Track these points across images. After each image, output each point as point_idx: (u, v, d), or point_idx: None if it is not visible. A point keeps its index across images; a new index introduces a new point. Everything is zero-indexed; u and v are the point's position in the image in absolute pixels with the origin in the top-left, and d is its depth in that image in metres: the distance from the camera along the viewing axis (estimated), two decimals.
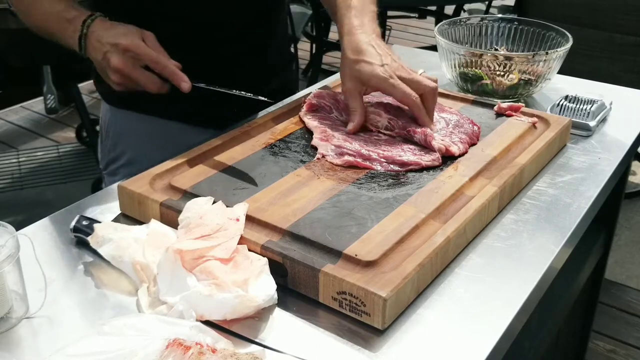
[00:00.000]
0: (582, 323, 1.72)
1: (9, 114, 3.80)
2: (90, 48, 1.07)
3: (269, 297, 0.76)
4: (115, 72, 1.05)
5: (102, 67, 1.07)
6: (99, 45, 1.05)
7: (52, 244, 0.90)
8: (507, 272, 0.85)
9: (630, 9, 2.37)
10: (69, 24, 1.07)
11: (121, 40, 1.04)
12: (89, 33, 1.06)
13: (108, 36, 1.05)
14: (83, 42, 1.07)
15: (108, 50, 1.04)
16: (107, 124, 1.28)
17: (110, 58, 1.04)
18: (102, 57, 1.05)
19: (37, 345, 0.74)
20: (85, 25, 1.06)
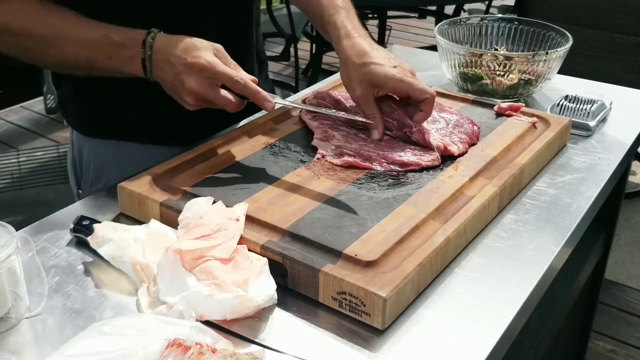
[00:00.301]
0: (582, 323, 1.72)
1: (9, 114, 3.80)
2: (157, 69, 0.98)
3: (269, 297, 0.76)
4: (189, 94, 0.97)
5: (174, 88, 0.98)
6: (168, 66, 0.96)
7: (52, 244, 0.90)
8: (507, 272, 0.85)
9: (630, 9, 2.37)
10: (123, 49, 0.98)
11: (196, 60, 0.95)
12: (154, 53, 0.97)
13: (179, 55, 0.96)
14: (148, 65, 0.97)
15: (181, 71, 0.96)
16: (85, 158, 1.18)
17: (184, 80, 0.96)
18: (173, 78, 0.97)
19: (37, 345, 0.74)
20: (147, 45, 0.97)
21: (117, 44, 0.98)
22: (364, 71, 1.03)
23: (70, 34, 0.99)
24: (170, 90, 1.01)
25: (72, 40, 0.99)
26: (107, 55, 0.99)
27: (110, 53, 0.99)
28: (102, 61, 1.00)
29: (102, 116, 1.17)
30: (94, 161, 1.18)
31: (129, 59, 0.98)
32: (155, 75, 0.99)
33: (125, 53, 0.98)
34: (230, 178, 0.97)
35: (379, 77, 1.03)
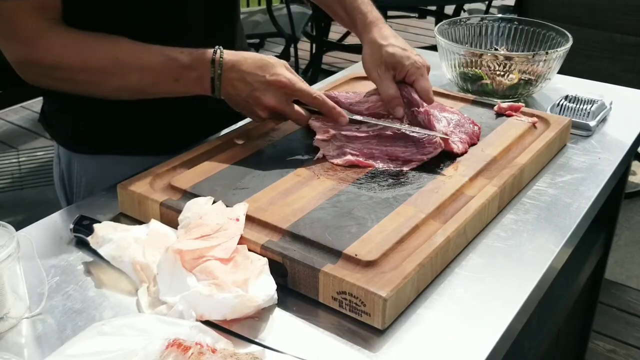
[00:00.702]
0: (582, 323, 1.72)
1: (9, 114, 3.80)
2: (228, 87, 1.00)
3: (269, 297, 0.76)
4: (265, 109, 1.01)
5: (247, 104, 1.02)
6: (243, 84, 0.99)
7: (52, 244, 0.90)
8: (507, 272, 0.85)
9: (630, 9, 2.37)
10: (190, 70, 0.99)
11: (275, 78, 0.99)
12: (225, 71, 0.99)
13: (256, 73, 0.99)
14: (217, 84, 1.00)
15: (257, 89, 0.99)
16: (75, 175, 1.16)
17: (261, 96, 0.99)
18: (247, 95, 1.00)
19: (37, 345, 0.74)
20: (217, 64, 0.98)
21: (184, 66, 0.99)
22: (388, 52, 1.10)
23: (131, 62, 0.98)
24: (240, 106, 1.03)
25: (135, 68, 0.98)
26: (173, 78, 0.99)
27: (176, 76, 0.99)
28: (168, 84, 1.00)
29: (91, 132, 1.14)
30: (85, 177, 1.16)
31: (198, 79, 1.00)
32: (224, 92, 1.01)
33: (193, 74, 0.99)
34: (230, 178, 0.97)
35: (400, 58, 1.09)
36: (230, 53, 1.01)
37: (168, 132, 1.13)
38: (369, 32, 1.14)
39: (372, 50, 1.12)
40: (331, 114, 1.05)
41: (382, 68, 1.11)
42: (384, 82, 1.10)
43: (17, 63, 0.99)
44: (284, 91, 1.01)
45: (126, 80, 0.99)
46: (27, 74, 1.00)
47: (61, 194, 1.23)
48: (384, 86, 1.10)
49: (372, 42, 1.12)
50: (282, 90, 1.01)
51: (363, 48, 1.15)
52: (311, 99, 1.03)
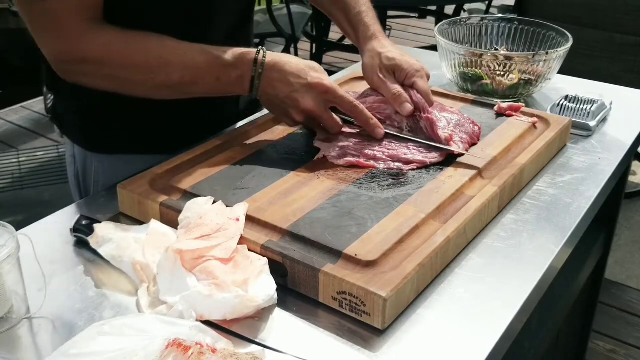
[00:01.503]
0: (582, 323, 1.72)
1: (9, 114, 3.80)
2: (267, 87, 1.01)
3: (269, 297, 0.76)
4: (303, 112, 1.02)
5: (283, 105, 1.02)
6: (283, 85, 1.00)
7: (52, 244, 0.90)
8: (507, 272, 0.85)
9: (630, 9, 2.37)
10: (232, 69, 1.00)
11: (318, 82, 1.00)
12: (266, 71, 1.00)
13: (298, 75, 1.00)
14: (257, 83, 1.00)
15: (297, 90, 1.00)
16: (93, 175, 1.17)
17: (299, 99, 1.00)
18: (286, 96, 1.01)
19: (37, 345, 0.74)
20: (259, 63, 1.00)
21: (227, 65, 1.00)
22: (387, 57, 1.12)
23: (175, 60, 0.99)
24: (275, 107, 1.04)
25: (178, 66, 0.99)
26: (214, 77, 1.00)
27: (218, 74, 1.00)
28: (209, 83, 1.01)
29: (102, 132, 1.15)
30: (102, 176, 1.17)
31: (239, 78, 1.01)
32: (262, 92, 1.02)
33: (235, 73, 1.00)
34: (230, 178, 0.97)
35: (400, 62, 1.11)
36: (273, 54, 1.01)
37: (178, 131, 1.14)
38: (369, 43, 1.16)
39: (372, 58, 1.14)
40: (368, 125, 1.05)
41: (382, 72, 1.11)
42: (387, 83, 1.10)
43: (58, 60, 0.99)
44: (324, 96, 1.01)
45: (168, 78, 0.99)
46: (67, 71, 1.01)
47: (75, 192, 1.23)
48: (387, 87, 1.10)
49: (372, 51, 1.14)
50: (322, 96, 1.01)
51: (363, 57, 1.16)
52: (351, 107, 1.03)
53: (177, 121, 1.15)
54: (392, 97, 1.09)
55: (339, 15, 1.22)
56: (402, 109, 1.08)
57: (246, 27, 1.25)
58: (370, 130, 1.05)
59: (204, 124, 1.17)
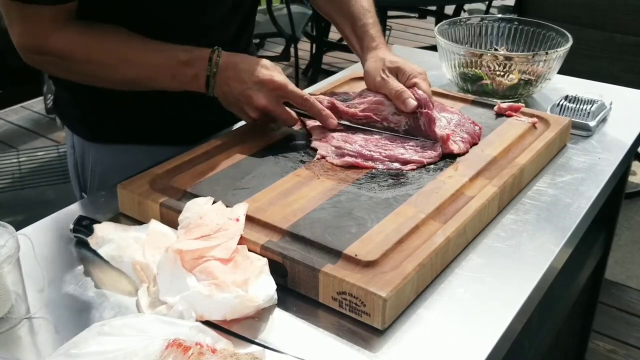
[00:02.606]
0: (582, 323, 1.72)
1: (9, 114, 3.80)
2: (222, 85, 1.04)
3: (269, 297, 0.76)
4: (257, 109, 1.04)
5: (239, 103, 1.05)
6: (237, 83, 1.03)
7: (52, 244, 0.90)
8: (507, 272, 0.85)
9: (630, 9, 2.37)
10: (187, 67, 1.03)
11: (269, 79, 1.03)
12: (220, 70, 1.03)
13: (249, 73, 1.03)
14: (212, 82, 1.03)
15: (250, 88, 1.02)
16: (91, 163, 1.19)
17: (253, 96, 1.03)
18: (240, 93, 1.03)
19: (37, 345, 0.74)
20: (213, 62, 1.02)
21: (183, 63, 1.03)
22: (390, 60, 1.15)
23: (132, 57, 1.03)
24: (232, 104, 1.06)
25: (135, 63, 1.03)
26: (170, 75, 1.04)
27: (174, 72, 1.04)
28: (165, 80, 1.04)
29: (102, 122, 1.17)
30: (100, 165, 1.19)
31: (194, 76, 1.04)
32: (218, 91, 1.04)
33: (190, 71, 1.03)
34: (230, 178, 0.97)
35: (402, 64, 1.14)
36: (227, 54, 1.04)
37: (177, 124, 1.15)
38: (373, 51, 1.18)
39: (375, 62, 1.15)
40: (320, 116, 1.07)
41: (385, 73, 1.13)
42: (389, 81, 1.11)
43: (24, 49, 1.03)
44: (276, 92, 1.04)
45: (127, 75, 1.04)
46: (32, 60, 1.04)
47: (75, 183, 1.26)
48: (389, 85, 1.11)
49: (375, 56, 1.16)
50: (274, 92, 1.04)
51: (366, 63, 1.17)
52: (301, 101, 1.06)
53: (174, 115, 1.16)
54: (395, 94, 1.09)
55: (345, 25, 1.24)
56: (406, 104, 1.08)
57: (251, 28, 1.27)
58: (322, 122, 1.08)
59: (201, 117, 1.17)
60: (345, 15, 1.23)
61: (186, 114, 1.17)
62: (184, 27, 1.12)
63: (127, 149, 1.17)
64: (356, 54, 1.24)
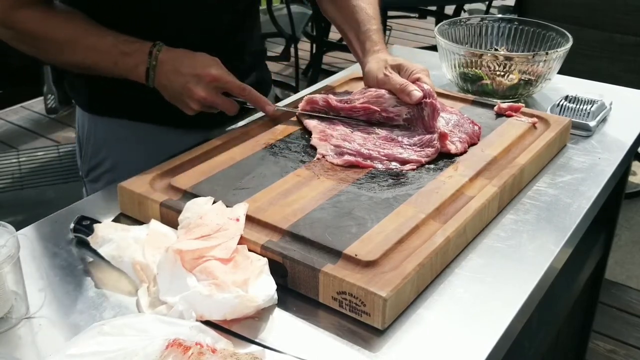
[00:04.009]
0: (582, 323, 1.72)
1: (9, 114, 3.80)
2: (162, 78, 1.08)
3: (269, 297, 0.76)
4: (197, 101, 1.08)
5: (180, 96, 1.08)
6: (175, 75, 1.07)
7: (52, 244, 0.90)
8: (507, 272, 0.85)
9: (630, 9, 2.37)
10: (128, 57, 1.07)
11: (207, 72, 1.06)
12: (160, 64, 1.07)
13: (187, 66, 1.07)
14: (151, 74, 1.08)
15: (189, 81, 1.06)
16: (86, 132, 1.26)
17: (193, 89, 1.06)
18: (181, 87, 1.07)
19: (37, 345, 0.74)
20: (153, 56, 1.07)
21: (124, 53, 1.08)
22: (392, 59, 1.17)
23: (80, 41, 1.08)
24: (173, 97, 1.10)
25: (81, 47, 1.09)
26: (112, 61, 1.09)
27: (116, 60, 1.08)
28: (107, 66, 1.09)
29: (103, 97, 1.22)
30: (93, 136, 1.26)
31: (134, 66, 1.08)
32: (157, 83, 1.09)
33: (131, 62, 1.08)
34: (230, 178, 0.97)
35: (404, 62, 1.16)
36: (168, 49, 1.09)
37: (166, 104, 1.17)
38: (375, 54, 1.19)
39: (377, 62, 1.17)
40: (258, 102, 1.13)
41: (388, 70, 1.14)
42: (393, 77, 1.12)
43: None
44: (214, 84, 1.08)
45: (73, 58, 1.10)
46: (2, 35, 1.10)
47: (78, 153, 1.32)
48: (393, 80, 1.12)
49: (377, 57, 1.18)
50: (213, 84, 1.07)
51: (367, 65, 1.18)
52: (240, 90, 1.10)
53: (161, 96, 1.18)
54: (399, 87, 1.10)
55: (349, 30, 1.26)
56: (411, 96, 1.09)
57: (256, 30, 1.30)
58: (261, 108, 1.13)
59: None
60: (350, 22, 1.25)
61: None
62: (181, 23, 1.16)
63: (120, 123, 1.22)
64: (356, 57, 1.25)
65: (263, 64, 1.41)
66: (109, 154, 1.25)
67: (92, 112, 1.25)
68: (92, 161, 1.26)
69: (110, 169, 1.25)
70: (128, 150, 1.23)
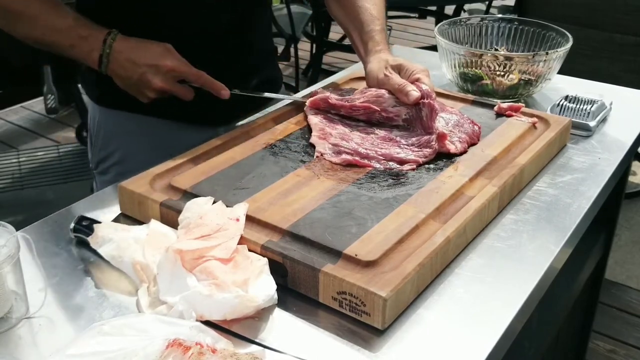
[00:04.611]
0: (582, 323, 1.72)
1: (9, 114, 3.80)
2: (117, 67, 1.09)
3: (269, 297, 0.76)
4: (155, 90, 1.10)
5: (136, 86, 1.10)
6: (131, 65, 1.08)
7: (52, 244, 0.90)
8: (507, 272, 0.85)
9: (630, 9, 2.37)
10: (84, 41, 1.08)
11: (163, 62, 1.08)
12: (114, 53, 1.08)
13: (144, 57, 1.08)
14: (105, 61, 1.08)
15: (146, 72, 1.07)
16: (96, 124, 1.29)
17: (150, 79, 1.08)
18: (138, 77, 1.08)
19: (37, 345, 0.74)
20: (107, 44, 1.08)
21: (81, 37, 1.09)
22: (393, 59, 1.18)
23: (40, 17, 1.09)
24: (129, 86, 1.11)
25: (42, 24, 1.09)
26: (69, 43, 1.09)
27: (72, 42, 1.09)
28: (64, 47, 1.10)
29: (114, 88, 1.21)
30: (104, 129, 1.28)
31: (89, 51, 1.09)
32: (111, 71, 1.10)
33: (86, 46, 1.09)
34: (230, 178, 0.97)
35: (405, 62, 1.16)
36: (123, 38, 1.09)
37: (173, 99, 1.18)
38: (377, 54, 1.20)
39: (378, 62, 1.18)
40: (213, 87, 1.14)
41: (388, 70, 1.15)
42: (392, 77, 1.13)
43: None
44: (171, 74, 1.09)
45: (33, 33, 1.11)
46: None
47: (88, 145, 1.35)
48: (392, 80, 1.13)
49: (378, 57, 1.19)
50: (169, 73, 1.09)
51: (368, 64, 1.19)
52: (196, 77, 1.12)
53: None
54: (398, 87, 1.11)
55: (353, 30, 1.27)
56: (409, 96, 1.09)
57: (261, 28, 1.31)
58: (216, 92, 1.14)
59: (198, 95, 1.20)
60: (354, 22, 1.26)
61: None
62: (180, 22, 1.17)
63: (128, 116, 1.23)
64: (359, 56, 1.26)
65: (273, 63, 1.41)
66: (118, 146, 1.26)
67: (102, 105, 1.26)
68: (102, 153, 1.28)
69: (119, 161, 1.26)
70: (137, 143, 1.24)
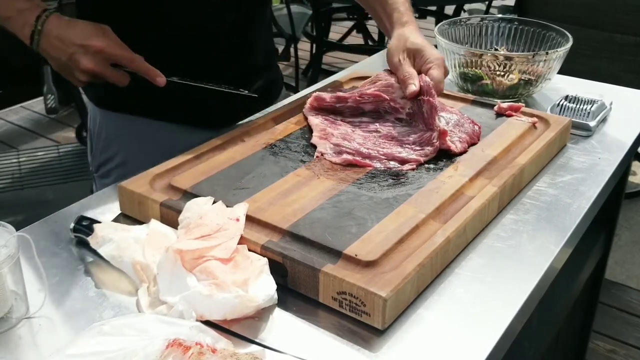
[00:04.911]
0: (582, 323, 1.72)
1: (9, 114, 3.80)
2: (47, 46, 1.05)
3: (269, 297, 0.76)
4: (84, 72, 1.05)
5: (66, 67, 1.06)
6: (61, 45, 1.04)
7: (52, 244, 0.90)
8: (507, 272, 0.85)
9: (630, 9, 2.37)
10: (19, 15, 1.05)
11: (92, 42, 1.04)
12: (45, 30, 1.04)
13: (73, 36, 1.04)
14: (36, 38, 1.05)
15: (75, 52, 1.04)
16: (97, 127, 1.27)
17: (79, 59, 1.04)
18: (67, 57, 1.04)
19: (37, 345, 0.74)
20: (40, 21, 1.04)
21: (19, 10, 1.05)
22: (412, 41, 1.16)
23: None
24: (60, 67, 1.07)
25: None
26: (6, 15, 1.06)
27: (10, 14, 1.06)
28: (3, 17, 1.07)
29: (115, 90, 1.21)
30: (104, 131, 1.26)
31: (22, 26, 1.05)
32: (42, 50, 1.06)
33: (21, 20, 1.05)
34: (230, 178, 0.97)
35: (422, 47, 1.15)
36: (57, 16, 1.06)
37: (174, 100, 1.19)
38: (400, 28, 1.19)
39: (398, 40, 1.17)
40: (147, 73, 1.09)
41: (404, 54, 1.15)
42: (404, 65, 1.13)
43: None
44: (102, 55, 1.05)
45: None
46: None
47: (88, 148, 1.33)
48: (403, 68, 1.13)
49: (400, 34, 1.17)
50: (99, 55, 1.05)
51: (390, 40, 1.19)
52: (129, 61, 1.08)
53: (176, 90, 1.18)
54: (402, 78, 1.12)
55: (377, 5, 1.25)
56: (407, 89, 1.10)
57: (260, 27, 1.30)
58: (151, 79, 1.09)
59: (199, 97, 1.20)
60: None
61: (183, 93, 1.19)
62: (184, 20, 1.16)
63: (130, 118, 1.22)
64: (385, 33, 1.25)
65: (274, 64, 1.41)
66: (119, 150, 1.25)
67: (103, 108, 1.25)
68: (103, 156, 1.27)
69: (120, 165, 1.25)
70: (138, 146, 1.23)
